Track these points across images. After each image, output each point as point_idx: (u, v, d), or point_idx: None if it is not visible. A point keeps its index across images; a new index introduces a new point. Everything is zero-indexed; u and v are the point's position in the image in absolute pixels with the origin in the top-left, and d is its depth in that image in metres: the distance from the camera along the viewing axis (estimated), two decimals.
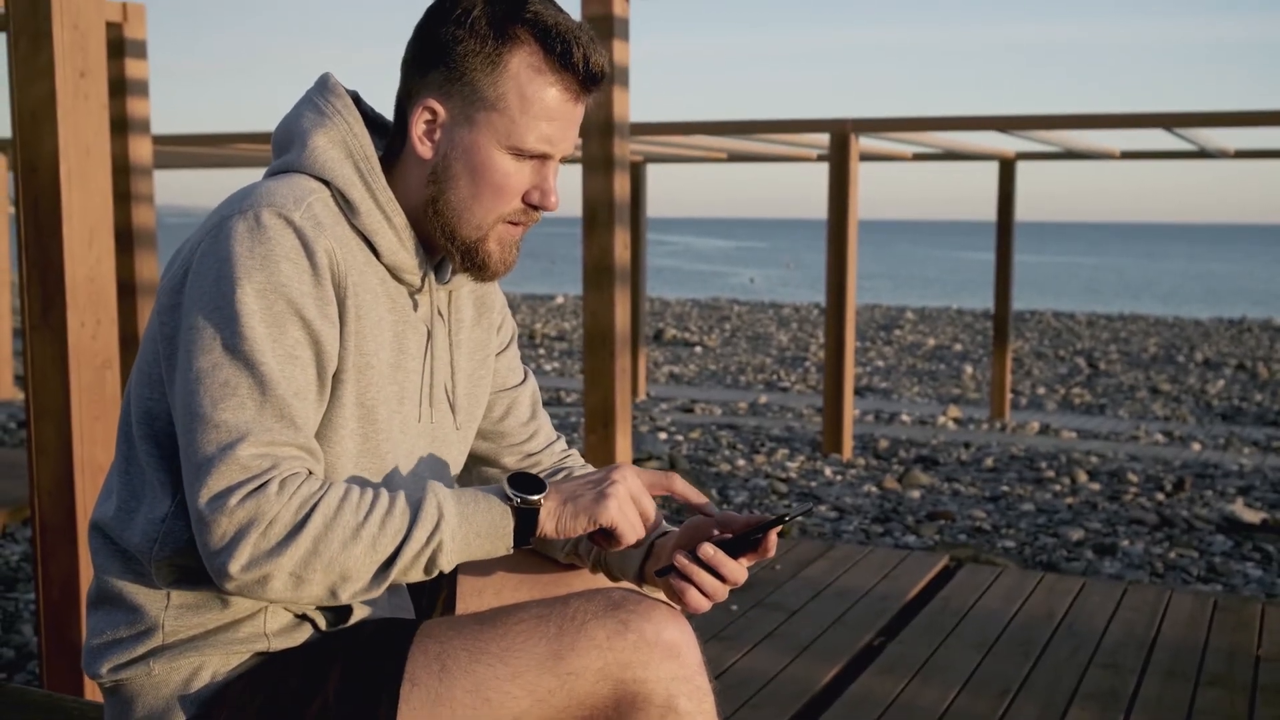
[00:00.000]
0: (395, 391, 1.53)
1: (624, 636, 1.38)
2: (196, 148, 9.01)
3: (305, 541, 1.33)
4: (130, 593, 1.47)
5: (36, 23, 2.73)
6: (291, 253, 1.40)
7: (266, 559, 1.32)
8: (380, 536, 1.36)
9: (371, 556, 1.35)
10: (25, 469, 5.89)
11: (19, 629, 4.21)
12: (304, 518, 1.33)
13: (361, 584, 1.37)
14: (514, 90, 1.47)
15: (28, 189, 2.79)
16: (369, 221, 1.49)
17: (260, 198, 1.43)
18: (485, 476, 1.77)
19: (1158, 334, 21.00)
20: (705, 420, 9.94)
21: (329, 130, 1.50)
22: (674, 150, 10.05)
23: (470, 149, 1.49)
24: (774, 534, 1.52)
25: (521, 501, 1.41)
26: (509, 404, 1.75)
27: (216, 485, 1.32)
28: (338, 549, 1.34)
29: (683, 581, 1.50)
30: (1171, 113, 7.57)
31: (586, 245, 4.65)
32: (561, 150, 1.51)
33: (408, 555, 1.37)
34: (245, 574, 1.32)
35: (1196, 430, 10.52)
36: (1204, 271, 58.88)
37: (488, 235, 1.52)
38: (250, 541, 1.32)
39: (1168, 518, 6.17)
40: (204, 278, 1.39)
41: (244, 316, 1.36)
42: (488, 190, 1.50)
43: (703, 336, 18.82)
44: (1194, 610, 3.98)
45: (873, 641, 3.76)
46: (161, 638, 1.46)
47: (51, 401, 2.82)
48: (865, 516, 6.19)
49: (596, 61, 1.49)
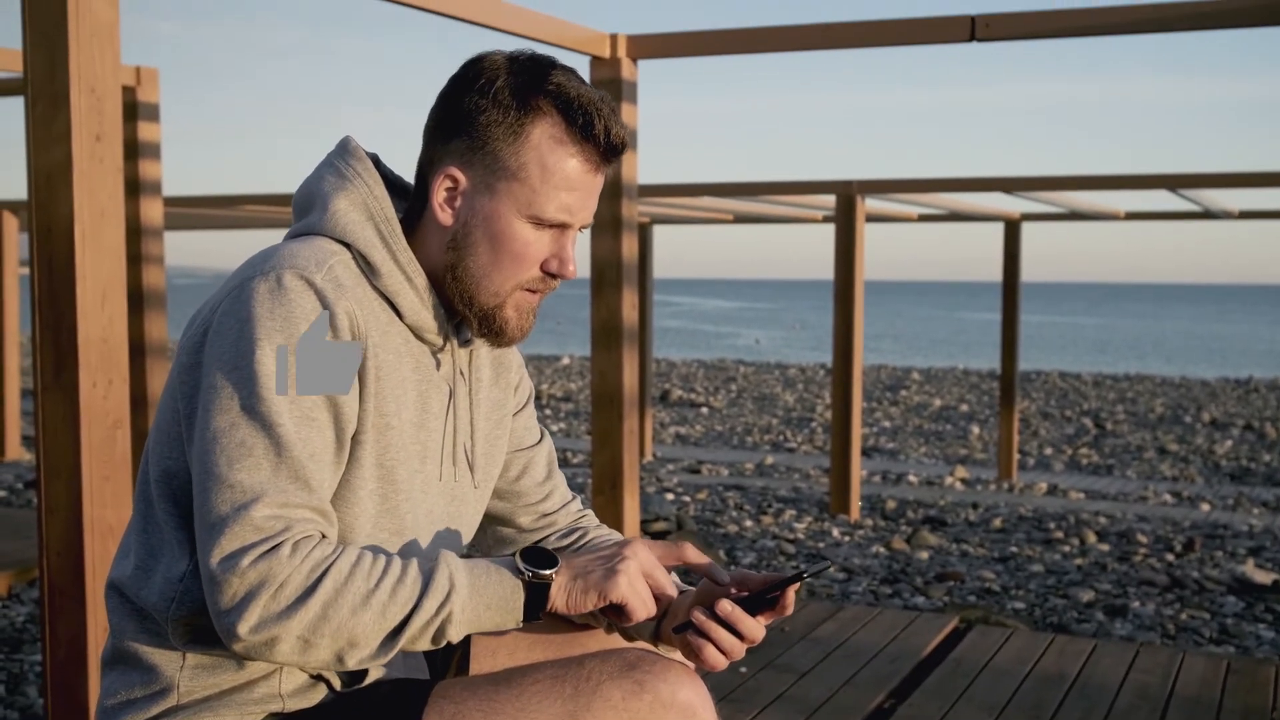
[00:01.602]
0: (418, 451, 1.53)
1: (640, 697, 1.38)
2: (205, 209, 9.08)
3: (315, 606, 1.33)
4: (146, 653, 1.47)
5: (54, 87, 2.77)
6: (311, 315, 1.41)
7: (275, 621, 1.32)
8: (390, 604, 1.36)
9: (380, 624, 1.36)
10: (32, 530, 5.90)
11: (24, 690, 4.18)
12: (315, 582, 1.33)
13: (369, 650, 1.37)
14: (535, 160, 1.48)
15: (42, 250, 2.82)
16: (390, 283, 1.51)
17: (282, 259, 1.44)
18: (500, 536, 1.77)
19: (1164, 394, 20.98)
20: (712, 481, 9.91)
21: (350, 193, 1.52)
22: (680, 212, 10.11)
23: (490, 217, 1.50)
24: (792, 591, 1.52)
25: (533, 576, 1.42)
26: (525, 464, 1.75)
27: (229, 546, 1.33)
28: (347, 615, 1.34)
29: (700, 639, 1.49)
30: (1176, 174, 7.61)
31: (595, 306, 4.68)
32: (580, 219, 1.53)
33: (416, 624, 1.37)
34: (254, 635, 1.33)
35: (1205, 490, 10.48)
36: (1208, 332, 58.88)
37: (505, 302, 1.54)
38: (260, 603, 1.32)
39: (1178, 579, 6.13)
40: (224, 337, 1.41)
41: (262, 377, 1.38)
42: (507, 258, 1.51)
43: (709, 397, 18.82)
44: (1207, 672, 3.95)
45: (883, 703, 3.72)
46: (177, 698, 1.46)
47: (62, 461, 2.82)
48: (874, 577, 6.15)
49: (617, 133, 1.51)
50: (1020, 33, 4.21)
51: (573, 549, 1.76)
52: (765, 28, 4.50)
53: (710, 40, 4.55)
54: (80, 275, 2.79)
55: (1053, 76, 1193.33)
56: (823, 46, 4.46)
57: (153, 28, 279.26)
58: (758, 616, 1.51)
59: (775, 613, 1.53)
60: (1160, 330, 59.98)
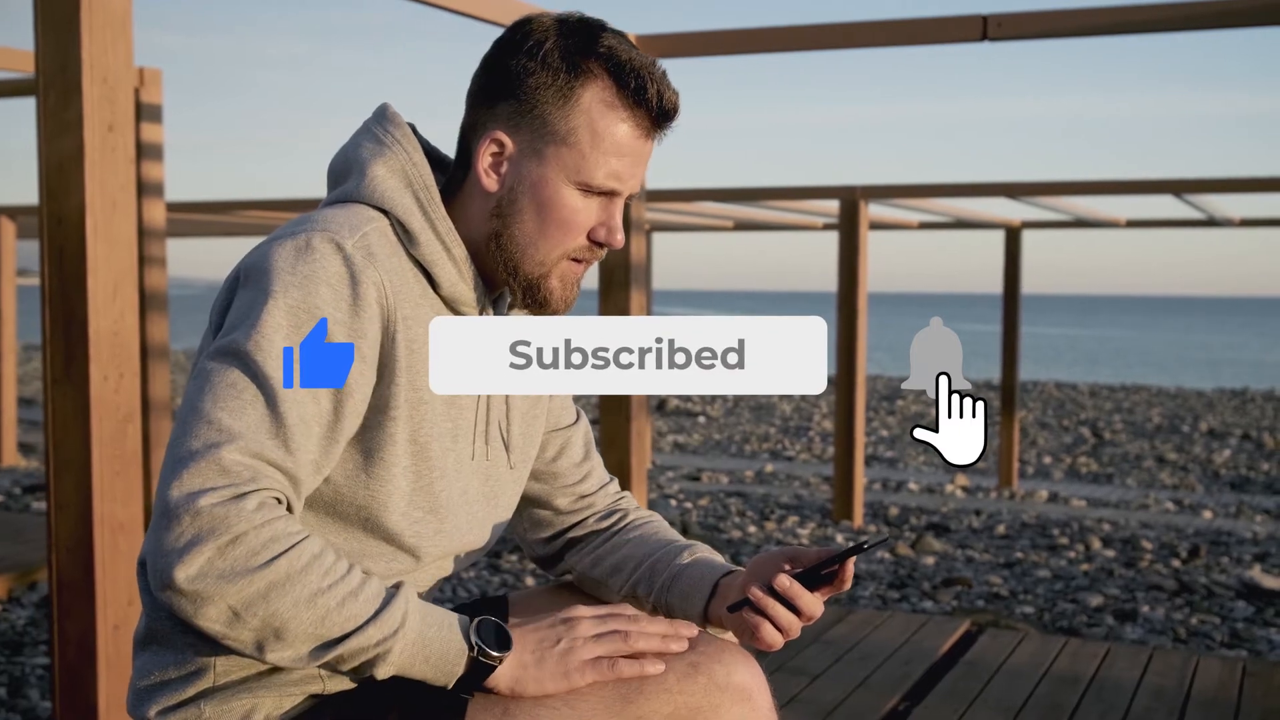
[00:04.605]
0: (449, 428, 1.49)
1: (694, 679, 1.34)
2: (201, 215, 9.03)
3: (260, 582, 1.25)
4: (180, 632, 1.42)
5: (66, 76, 2.73)
6: (334, 279, 1.36)
7: (215, 580, 1.24)
8: (335, 614, 1.28)
9: (318, 630, 1.28)
10: (31, 533, 5.85)
11: (25, 693, 4.13)
12: (270, 558, 1.25)
13: (292, 652, 1.28)
14: (585, 125, 1.44)
15: (53, 242, 2.78)
16: (428, 252, 1.46)
17: (315, 224, 1.40)
18: (537, 519, 1.73)
19: (1161, 404, 20.98)
20: (713, 488, 9.87)
21: (388, 159, 1.47)
22: (681, 219, 10.09)
23: (538, 183, 1.46)
24: (850, 565, 1.48)
25: (478, 653, 1.33)
26: (562, 444, 1.71)
27: (191, 482, 1.25)
28: (289, 605, 1.26)
29: (757, 616, 1.45)
30: (1180, 179, 7.61)
31: (603, 308, 4.64)
32: (629, 187, 1.49)
33: (353, 645, 1.29)
34: (189, 584, 1.24)
35: (1206, 499, 10.46)
36: (1201, 342, 58.96)
37: (551, 272, 1.49)
38: (205, 553, 1.23)
39: (1186, 584, 6.10)
40: (244, 288, 1.37)
41: (269, 330, 1.32)
42: (554, 226, 1.46)
43: (705, 406, 18.78)
44: (1223, 675, 3.91)
45: (898, 706, 3.69)
46: (213, 679, 1.41)
47: (72, 455, 2.78)
48: (880, 583, 6.12)
49: (669, 98, 1.46)
50: (1033, 32, 4.18)
51: (610, 536, 1.71)
52: (774, 27, 4.47)
53: (720, 40, 4.52)
54: (92, 268, 2.75)
55: (1062, 89, 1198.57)
56: (833, 46, 4.44)
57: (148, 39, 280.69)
58: (815, 592, 1.47)
59: (833, 587, 1.49)
60: (1153, 341, 60.05)
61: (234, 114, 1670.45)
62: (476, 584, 5.81)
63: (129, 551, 2.83)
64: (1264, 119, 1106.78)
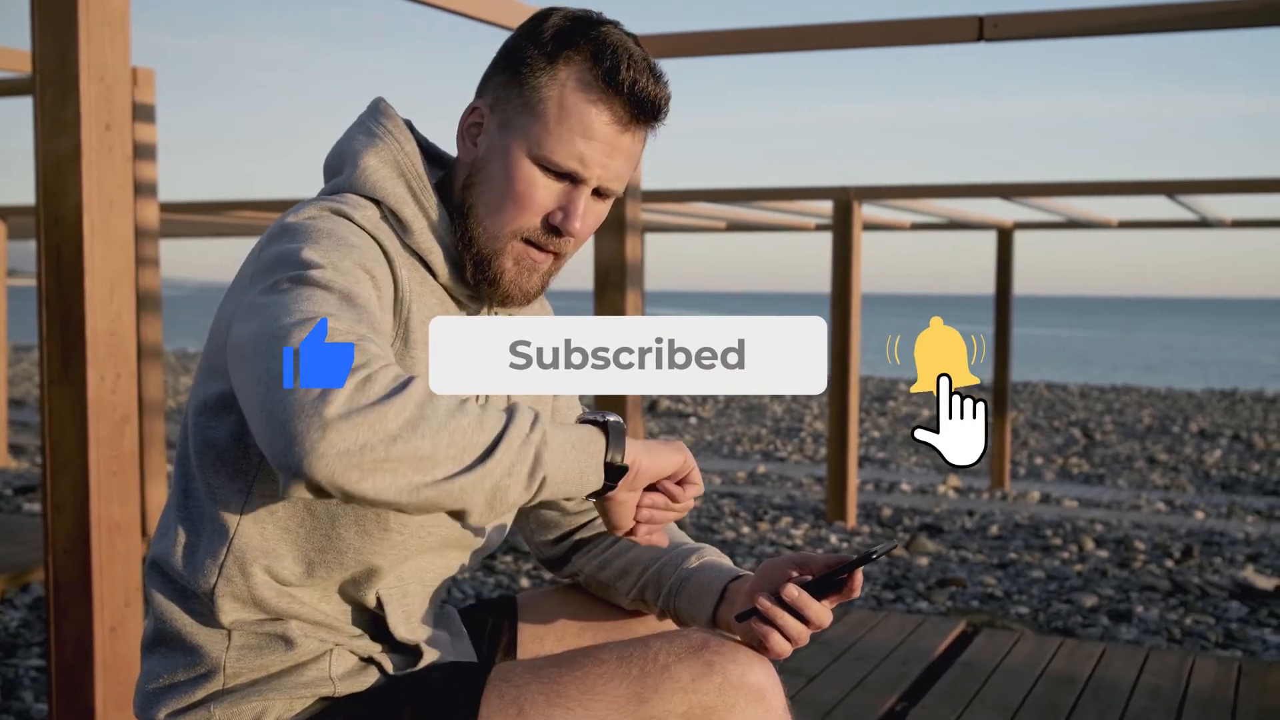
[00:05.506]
0: None
1: (709, 679, 1.33)
2: (194, 215, 9.01)
3: (410, 404, 1.16)
4: (190, 634, 1.41)
5: (64, 75, 2.72)
6: (359, 241, 1.36)
7: (365, 411, 1.14)
8: (484, 417, 1.22)
9: (477, 433, 1.20)
10: (23, 534, 5.83)
11: (19, 695, 4.11)
12: (405, 382, 1.18)
13: (458, 466, 1.19)
14: (555, 99, 1.41)
15: (50, 241, 2.76)
16: (422, 240, 1.45)
17: (314, 204, 1.41)
18: (543, 519, 1.71)
19: (1151, 405, 21.02)
20: (706, 489, 9.87)
21: (380, 150, 1.46)
22: (673, 220, 10.08)
23: (503, 153, 1.44)
24: (859, 573, 1.47)
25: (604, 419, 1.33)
26: None
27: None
28: (444, 416, 1.18)
29: (765, 625, 1.44)
30: (1173, 180, 7.61)
31: (599, 308, 4.64)
32: (595, 176, 1.43)
33: (515, 437, 1.22)
34: (342, 422, 1.13)
35: (1197, 499, 10.48)
36: (1189, 343, 59.11)
37: (503, 249, 1.45)
38: (346, 392, 1.14)
39: (1180, 584, 6.11)
40: (268, 251, 1.34)
41: (311, 259, 1.29)
42: (509, 199, 1.43)
43: (697, 407, 18.78)
44: (1219, 675, 3.92)
45: (895, 706, 3.69)
46: (223, 681, 1.40)
47: (70, 456, 2.77)
48: (875, 583, 6.12)
49: (646, 88, 1.42)
50: (1029, 33, 4.19)
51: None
52: (770, 28, 4.47)
53: (719, 40, 4.52)
54: (89, 266, 2.74)
55: (1058, 90, 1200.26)
56: (829, 46, 4.44)
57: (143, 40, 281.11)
58: (824, 600, 1.46)
59: (841, 595, 1.48)
60: (1141, 342, 60.19)
61: (233, 114, 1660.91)
62: (472, 585, 5.81)
63: (126, 552, 2.82)
64: (1261, 119, 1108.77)
